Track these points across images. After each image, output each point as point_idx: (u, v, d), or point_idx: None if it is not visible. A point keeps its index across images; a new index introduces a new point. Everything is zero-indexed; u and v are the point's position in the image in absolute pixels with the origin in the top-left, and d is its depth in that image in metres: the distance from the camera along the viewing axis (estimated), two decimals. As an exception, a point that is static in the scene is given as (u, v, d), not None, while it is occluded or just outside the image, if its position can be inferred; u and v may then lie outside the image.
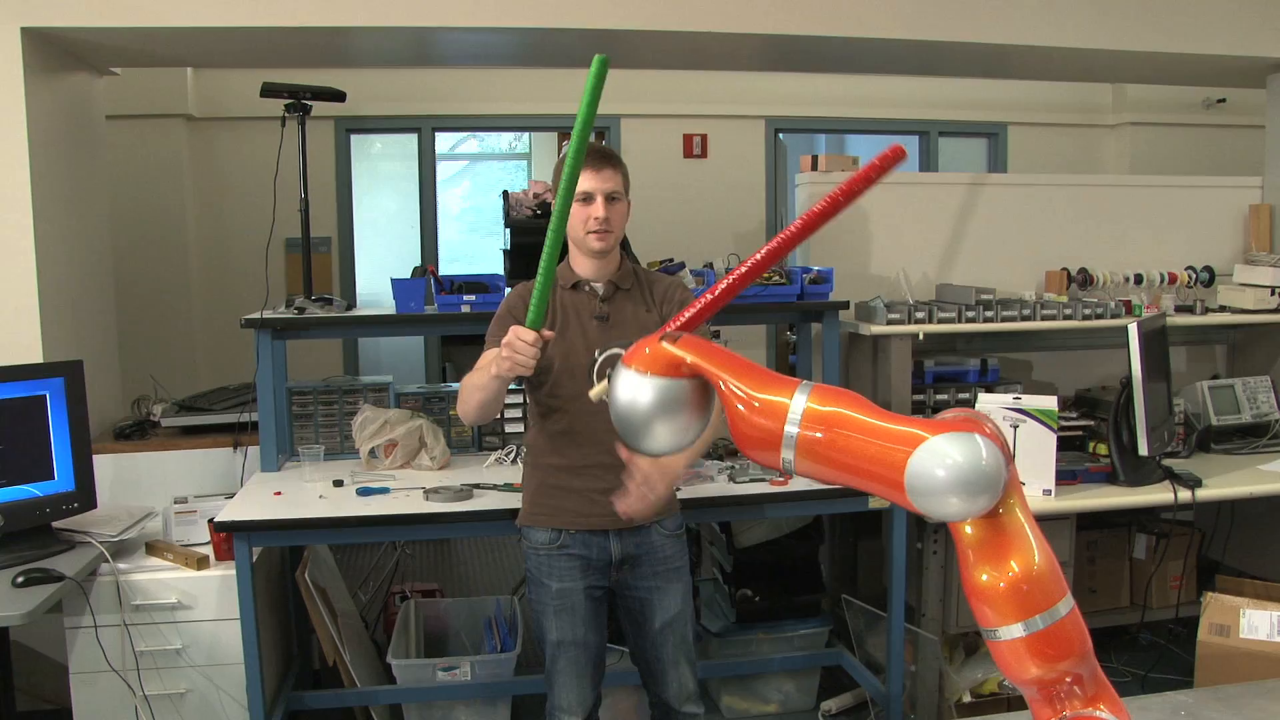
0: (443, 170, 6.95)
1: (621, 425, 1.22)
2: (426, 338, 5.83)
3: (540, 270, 1.68)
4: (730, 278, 1.27)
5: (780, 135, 5.96)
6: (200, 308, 5.25)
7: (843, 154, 5.12)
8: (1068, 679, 1.16)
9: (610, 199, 2.16)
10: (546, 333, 1.88)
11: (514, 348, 1.86)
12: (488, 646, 3.18)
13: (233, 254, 5.18)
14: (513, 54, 3.93)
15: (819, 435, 1.16)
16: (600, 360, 2.16)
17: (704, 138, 5.72)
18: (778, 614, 3.22)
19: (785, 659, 3.20)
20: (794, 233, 1.23)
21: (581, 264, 2.23)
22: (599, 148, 2.24)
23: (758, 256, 1.24)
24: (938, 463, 1.08)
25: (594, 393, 1.68)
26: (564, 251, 1.92)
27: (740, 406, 1.19)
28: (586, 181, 2.14)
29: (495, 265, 3.85)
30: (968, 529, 1.16)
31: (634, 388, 1.20)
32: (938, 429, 1.10)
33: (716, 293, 1.27)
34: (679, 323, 1.25)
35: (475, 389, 2.05)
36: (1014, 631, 1.12)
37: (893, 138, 6.36)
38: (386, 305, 3.32)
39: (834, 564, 3.57)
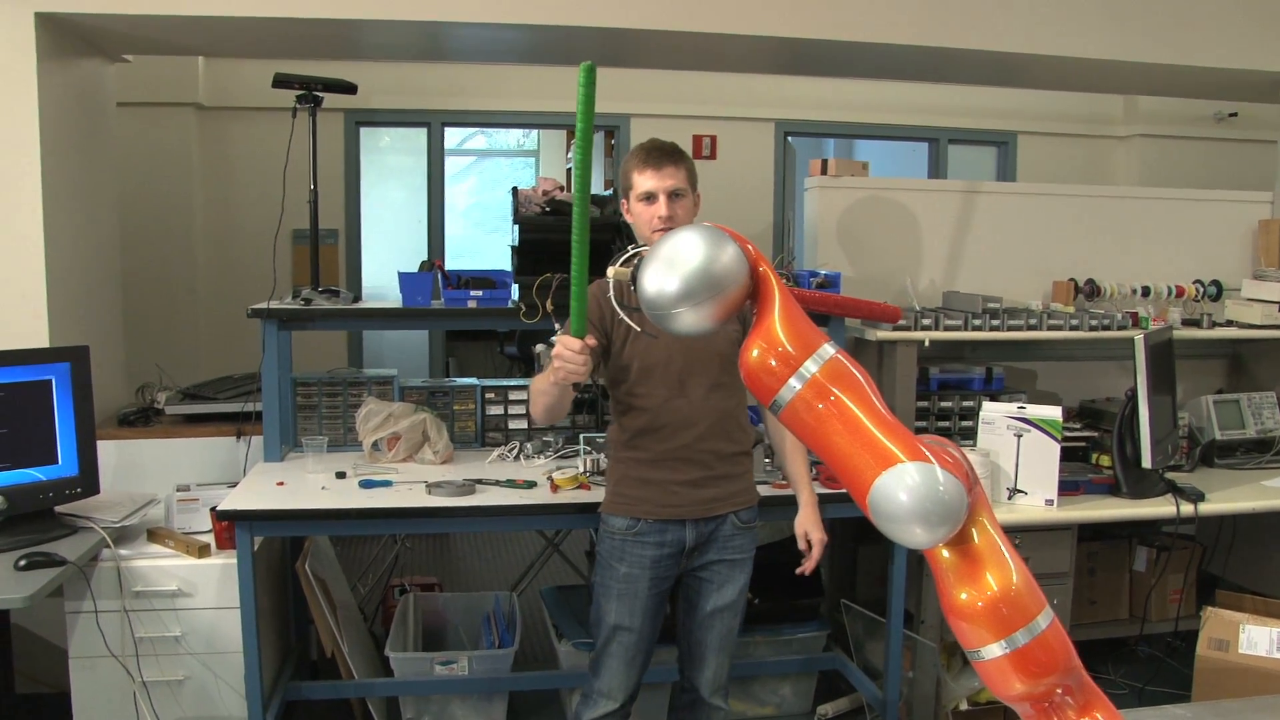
0: (450, 165, 6.95)
1: (663, 271, 1.29)
2: (431, 332, 5.84)
3: (573, 280, 1.73)
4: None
5: (789, 138, 5.95)
6: (206, 297, 5.26)
7: (851, 159, 5.11)
8: (1058, 690, 1.16)
9: (674, 195, 2.16)
10: (590, 340, 1.90)
11: (563, 358, 1.90)
12: (486, 642, 3.18)
13: (240, 244, 5.17)
14: (523, 50, 3.93)
15: (816, 406, 1.17)
16: (631, 250, 2.15)
17: (713, 139, 5.71)
18: (776, 617, 3.22)
19: (783, 662, 3.20)
20: (813, 298, 1.37)
21: None
22: (659, 145, 2.22)
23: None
24: (901, 486, 1.08)
25: (612, 270, 1.70)
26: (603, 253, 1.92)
27: (763, 335, 1.21)
28: (647, 182, 2.16)
29: (501, 261, 3.86)
30: (944, 552, 1.16)
31: (705, 241, 1.30)
32: (914, 454, 1.10)
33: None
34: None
35: (540, 394, 2.11)
36: (997, 649, 1.12)
37: (902, 144, 6.36)
38: (393, 299, 3.33)
39: (833, 569, 3.57)
